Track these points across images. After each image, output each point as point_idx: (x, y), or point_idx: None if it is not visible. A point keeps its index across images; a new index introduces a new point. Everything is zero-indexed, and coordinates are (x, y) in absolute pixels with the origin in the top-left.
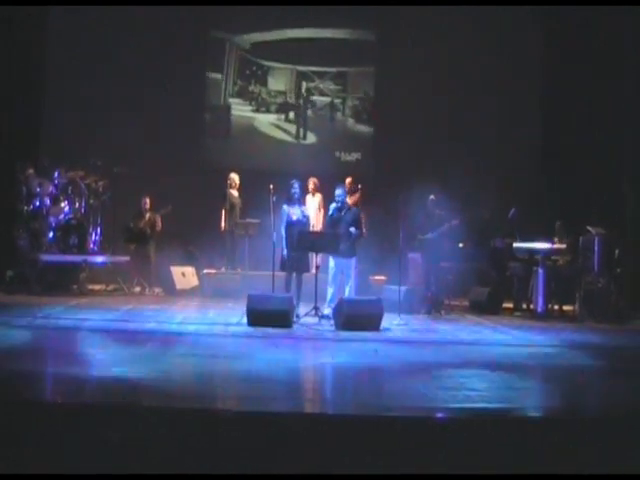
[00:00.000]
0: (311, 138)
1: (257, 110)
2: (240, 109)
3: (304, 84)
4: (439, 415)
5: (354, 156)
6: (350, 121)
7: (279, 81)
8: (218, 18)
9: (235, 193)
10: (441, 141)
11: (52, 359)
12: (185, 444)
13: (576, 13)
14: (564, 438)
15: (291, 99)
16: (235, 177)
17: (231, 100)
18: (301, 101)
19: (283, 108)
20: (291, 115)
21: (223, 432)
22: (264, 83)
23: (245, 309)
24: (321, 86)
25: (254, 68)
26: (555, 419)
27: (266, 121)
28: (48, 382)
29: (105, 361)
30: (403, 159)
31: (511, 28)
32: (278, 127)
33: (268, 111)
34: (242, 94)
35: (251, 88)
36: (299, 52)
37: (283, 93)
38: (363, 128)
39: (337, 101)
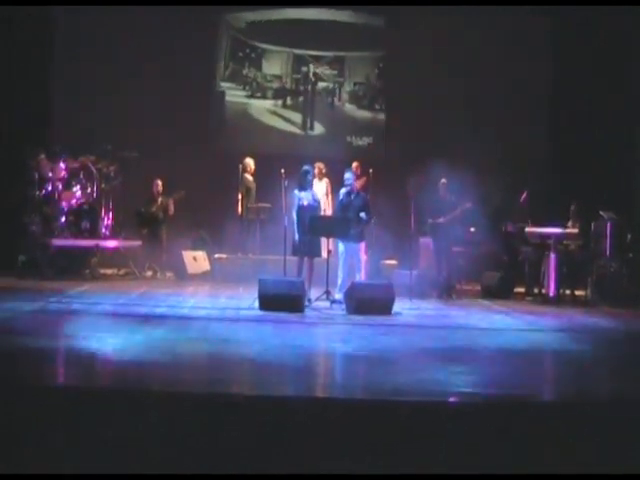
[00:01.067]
0: (319, 128)
1: (252, 96)
2: (233, 94)
3: (311, 68)
4: (452, 399)
5: (365, 140)
6: (348, 107)
7: (274, 65)
8: None
9: (250, 178)
10: (452, 126)
11: (63, 343)
12: (195, 428)
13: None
14: (574, 422)
15: (287, 84)
16: (250, 162)
17: (223, 84)
18: (309, 87)
19: (280, 93)
20: (289, 101)
21: (234, 416)
22: (259, 67)
23: (256, 293)
24: (318, 70)
25: (247, 50)
26: (566, 403)
27: (262, 107)
28: (58, 366)
29: (115, 345)
30: (414, 143)
31: (519, 19)
32: (276, 114)
33: (264, 97)
34: (235, 78)
35: (245, 72)
36: (295, 34)
37: (279, 77)
38: (365, 114)
39: (334, 86)
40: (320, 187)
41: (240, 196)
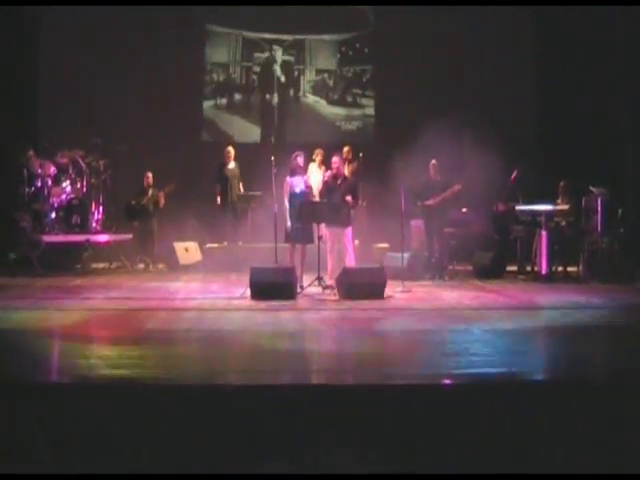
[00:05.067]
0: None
1: None
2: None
3: (277, 53)
4: (444, 381)
5: (355, 124)
6: (312, 99)
7: (219, 50)
8: None
9: (232, 165)
10: (441, 106)
11: (55, 339)
12: (189, 419)
13: None
14: (568, 401)
15: (235, 74)
16: (231, 150)
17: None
18: (273, 85)
19: (224, 89)
20: (236, 96)
21: (227, 406)
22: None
23: (248, 282)
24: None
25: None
26: (559, 382)
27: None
28: (52, 363)
29: (108, 339)
30: (403, 126)
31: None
32: (217, 122)
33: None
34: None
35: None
36: (247, 12)
37: (225, 66)
38: (338, 110)
39: (296, 75)
40: (320, 174)
41: (218, 185)
